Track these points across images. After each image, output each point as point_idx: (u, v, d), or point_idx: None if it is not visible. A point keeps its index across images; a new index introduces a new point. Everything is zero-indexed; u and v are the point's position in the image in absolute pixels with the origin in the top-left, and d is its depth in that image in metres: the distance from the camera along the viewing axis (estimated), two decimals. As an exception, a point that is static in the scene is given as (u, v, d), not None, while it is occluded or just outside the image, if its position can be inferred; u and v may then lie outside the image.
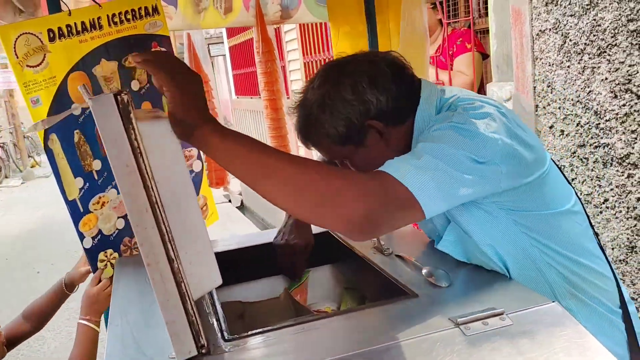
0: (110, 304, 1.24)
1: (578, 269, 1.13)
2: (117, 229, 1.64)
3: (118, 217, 1.64)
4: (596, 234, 1.22)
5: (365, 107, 1.08)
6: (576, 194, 1.21)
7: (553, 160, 1.20)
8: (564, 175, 1.21)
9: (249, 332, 1.01)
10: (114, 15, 1.53)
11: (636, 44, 2.03)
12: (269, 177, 0.88)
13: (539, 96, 2.57)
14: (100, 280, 1.55)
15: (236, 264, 1.50)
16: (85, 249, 1.60)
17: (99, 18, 1.51)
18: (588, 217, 1.22)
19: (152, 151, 0.88)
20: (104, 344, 1.09)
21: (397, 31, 1.74)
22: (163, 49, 1.54)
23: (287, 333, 1.01)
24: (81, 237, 1.58)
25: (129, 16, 1.57)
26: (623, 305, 1.19)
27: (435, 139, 0.97)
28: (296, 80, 5.97)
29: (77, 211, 1.56)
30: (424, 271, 1.21)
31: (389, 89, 1.09)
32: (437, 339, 0.91)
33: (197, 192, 1.65)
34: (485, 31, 3.37)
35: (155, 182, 0.88)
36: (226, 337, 1.00)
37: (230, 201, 8.16)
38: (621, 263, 2.27)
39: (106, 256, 1.62)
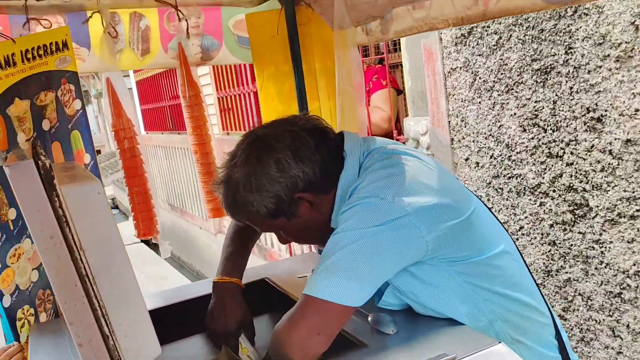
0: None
1: (520, 309, 1.15)
2: (31, 282, 1.48)
3: (32, 269, 1.48)
4: (528, 268, 1.26)
5: (292, 181, 1.07)
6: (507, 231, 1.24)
7: (485, 205, 1.23)
8: (494, 216, 1.24)
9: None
10: (27, 51, 1.41)
11: (541, 81, 2.18)
12: None
13: (453, 130, 2.69)
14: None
15: (165, 322, 1.39)
16: (4, 308, 1.42)
17: (12, 54, 1.38)
18: (520, 252, 1.26)
19: (78, 217, 0.79)
20: None
21: (324, 72, 1.75)
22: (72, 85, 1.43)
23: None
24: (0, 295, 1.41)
25: (41, 52, 1.45)
26: (558, 335, 1.23)
27: (347, 229, 1.00)
28: (211, 115, 5.87)
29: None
30: (369, 318, 1.18)
31: (314, 160, 1.08)
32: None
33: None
34: (397, 66, 3.50)
35: (84, 251, 0.78)
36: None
37: (144, 242, 7.78)
38: (539, 287, 2.39)
39: (23, 313, 1.46)
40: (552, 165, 2.20)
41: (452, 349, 1.00)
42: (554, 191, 2.22)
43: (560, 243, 2.25)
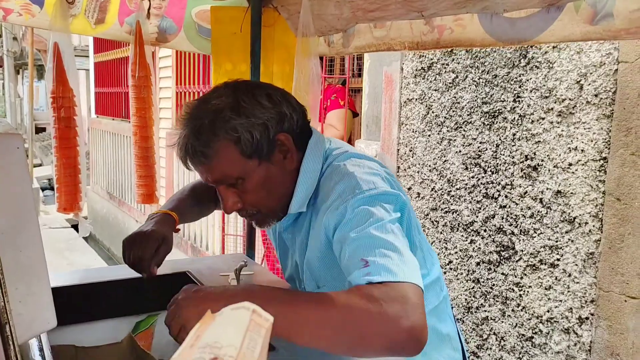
0: None
1: (439, 342, 1.17)
2: None
3: None
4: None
5: (280, 117, 1.02)
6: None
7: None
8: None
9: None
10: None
11: (487, 124, 2.26)
12: (310, 333, 0.84)
13: (401, 158, 2.75)
14: None
15: (74, 302, 1.33)
16: None
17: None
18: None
19: None
20: None
21: (281, 76, 1.75)
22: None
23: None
24: None
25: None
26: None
27: (369, 216, 0.93)
28: (166, 109, 5.75)
29: None
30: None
31: (298, 110, 1.07)
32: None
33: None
34: (358, 90, 3.56)
35: None
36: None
37: (74, 227, 7.47)
38: (458, 322, 2.44)
39: None
40: (487, 206, 2.27)
41: None
42: (484, 230, 2.29)
43: (483, 282, 2.31)
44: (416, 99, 2.63)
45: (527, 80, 2.09)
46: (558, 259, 2.01)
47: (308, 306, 0.85)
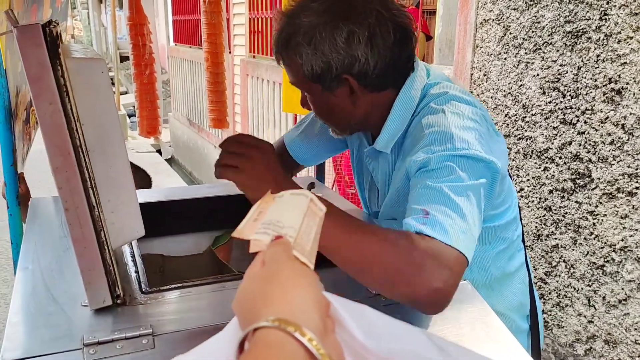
0: (22, 245, 1.18)
1: (509, 279, 1.22)
2: None
3: None
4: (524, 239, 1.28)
5: (350, 60, 1.00)
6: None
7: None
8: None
9: (167, 286, 1.00)
10: None
11: (570, 44, 2.13)
12: (346, 252, 0.87)
13: (474, 84, 2.66)
14: None
15: (161, 217, 1.46)
16: None
17: None
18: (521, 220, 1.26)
19: (80, 91, 0.83)
20: (10, 286, 1.04)
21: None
22: None
23: (206, 290, 1.01)
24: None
25: None
26: (533, 308, 1.27)
27: (450, 172, 0.92)
28: (240, 36, 5.80)
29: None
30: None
31: (383, 55, 1.00)
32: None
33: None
34: (432, 12, 3.41)
35: (81, 124, 0.83)
36: (144, 290, 0.98)
37: (159, 152, 7.92)
38: (527, 249, 2.43)
39: None
40: (564, 132, 2.19)
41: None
42: (560, 158, 2.22)
43: (555, 210, 2.27)
44: (493, 20, 2.50)
45: (617, -4, 1.93)
46: (637, 188, 1.93)
47: (354, 225, 0.88)
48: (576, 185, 2.16)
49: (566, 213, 2.22)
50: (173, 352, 0.67)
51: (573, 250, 2.21)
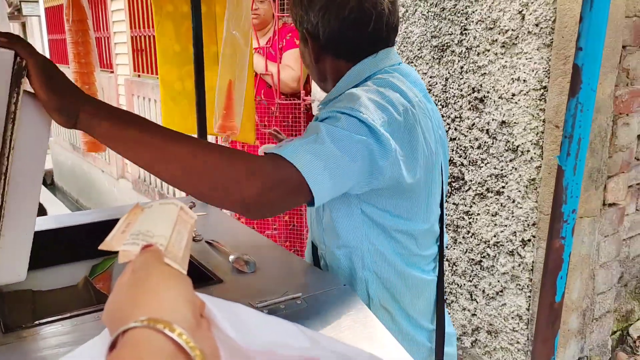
0: None
1: (423, 286, 1.19)
2: None
3: None
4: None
5: (306, 19, 1.12)
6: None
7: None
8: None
9: (35, 322, 0.93)
10: None
11: (437, 58, 2.29)
12: (163, 161, 0.83)
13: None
14: None
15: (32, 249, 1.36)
16: None
17: None
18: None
19: (24, 124, 0.83)
20: None
21: (223, 17, 1.73)
22: None
23: (82, 321, 0.95)
24: None
25: None
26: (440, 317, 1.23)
27: (335, 121, 0.94)
28: (122, 55, 5.58)
29: None
30: (231, 258, 1.24)
31: (332, 25, 1.09)
32: (235, 323, 0.94)
33: None
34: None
35: (13, 150, 0.82)
36: (4, 330, 0.91)
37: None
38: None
39: None
40: (438, 139, 2.34)
41: (301, 289, 1.08)
42: (436, 163, 2.37)
43: (436, 212, 2.42)
44: (369, 36, 2.63)
45: (473, 12, 2.11)
46: (503, 187, 2.11)
47: (164, 133, 0.85)
48: (452, 188, 2.32)
49: (446, 214, 2.37)
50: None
51: (454, 249, 2.36)
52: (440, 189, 1.16)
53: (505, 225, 2.13)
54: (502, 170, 2.10)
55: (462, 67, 2.19)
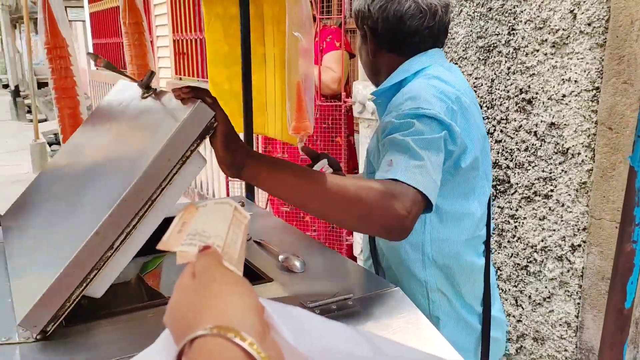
0: None
1: (472, 271, 1.26)
2: None
3: None
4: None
5: (368, 15, 1.21)
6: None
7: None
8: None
9: (89, 317, 0.96)
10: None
11: (482, 59, 2.26)
12: (314, 200, 0.98)
13: (398, 98, 2.75)
14: None
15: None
16: None
17: None
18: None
19: (186, 164, 0.93)
20: None
21: (271, 18, 1.74)
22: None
23: (135, 317, 0.97)
24: None
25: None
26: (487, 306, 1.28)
27: (410, 127, 1.05)
28: (164, 58, 5.71)
29: None
30: (280, 257, 1.24)
31: (391, 21, 1.18)
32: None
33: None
34: (354, 31, 3.51)
35: (166, 190, 0.92)
36: (64, 324, 0.93)
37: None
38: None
39: None
40: (483, 141, 2.30)
41: (351, 290, 1.07)
42: (481, 165, 2.33)
43: (480, 215, 2.37)
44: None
45: (522, 12, 2.07)
46: (552, 190, 2.06)
47: (312, 176, 0.98)
48: (497, 191, 2.27)
49: (491, 218, 2.32)
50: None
51: (499, 253, 2.31)
52: (490, 171, 1.29)
53: (554, 230, 2.07)
54: (550, 173, 2.05)
55: (509, 68, 2.14)
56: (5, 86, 17.46)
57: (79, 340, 0.90)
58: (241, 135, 1.26)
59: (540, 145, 2.07)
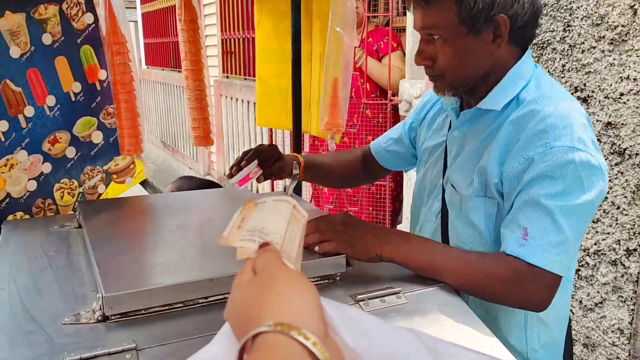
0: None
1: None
2: (28, 191, 1.55)
3: (29, 179, 1.54)
4: None
5: (509, 1, 1.01)
6: None
7: None
8: None
9: (141, 309, 0.98)
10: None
11: (536, 56, 2.20)
12: (451, 277, 1.04)
13: (446, 96, 2.71)
14: None
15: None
16: None
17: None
18: None
19: None
20: (-14, 308, 1.01)
21: (319, 14, 1.76)
22: None
23: (189, 312, 1.00)
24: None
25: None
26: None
27: (555, 185, 0.95)
28: (212, 57, 5.82)
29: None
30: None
31: (532, 7, 1.04)
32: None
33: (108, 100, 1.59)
34: (402, 29, 3.49)
35: None
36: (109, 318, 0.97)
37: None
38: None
39: (15, 217, 1.53)
40: (534, 141, 2.24)
41: (400, 285, 1.07)
42: (531, 166, 2.27)
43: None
44: (462, 34, 2.57)
45: (578, 8, 2.00)
46: (607, 192, 1.99)
47: (457, 259, 1.04)
48: (548, 192, 2.21)
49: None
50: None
51: (548, 255, 2.25)
52: None
53: (608, 233, 2.00)
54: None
55: (563, 66, 2.08)
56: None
57: (138, 322, 0.93)
58: (288, 133, 1.28)
59: (596, 146, 2.00)
